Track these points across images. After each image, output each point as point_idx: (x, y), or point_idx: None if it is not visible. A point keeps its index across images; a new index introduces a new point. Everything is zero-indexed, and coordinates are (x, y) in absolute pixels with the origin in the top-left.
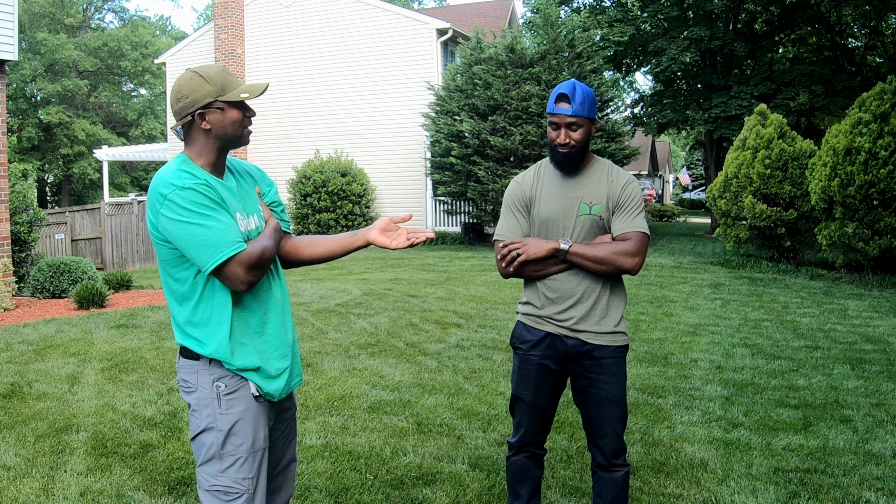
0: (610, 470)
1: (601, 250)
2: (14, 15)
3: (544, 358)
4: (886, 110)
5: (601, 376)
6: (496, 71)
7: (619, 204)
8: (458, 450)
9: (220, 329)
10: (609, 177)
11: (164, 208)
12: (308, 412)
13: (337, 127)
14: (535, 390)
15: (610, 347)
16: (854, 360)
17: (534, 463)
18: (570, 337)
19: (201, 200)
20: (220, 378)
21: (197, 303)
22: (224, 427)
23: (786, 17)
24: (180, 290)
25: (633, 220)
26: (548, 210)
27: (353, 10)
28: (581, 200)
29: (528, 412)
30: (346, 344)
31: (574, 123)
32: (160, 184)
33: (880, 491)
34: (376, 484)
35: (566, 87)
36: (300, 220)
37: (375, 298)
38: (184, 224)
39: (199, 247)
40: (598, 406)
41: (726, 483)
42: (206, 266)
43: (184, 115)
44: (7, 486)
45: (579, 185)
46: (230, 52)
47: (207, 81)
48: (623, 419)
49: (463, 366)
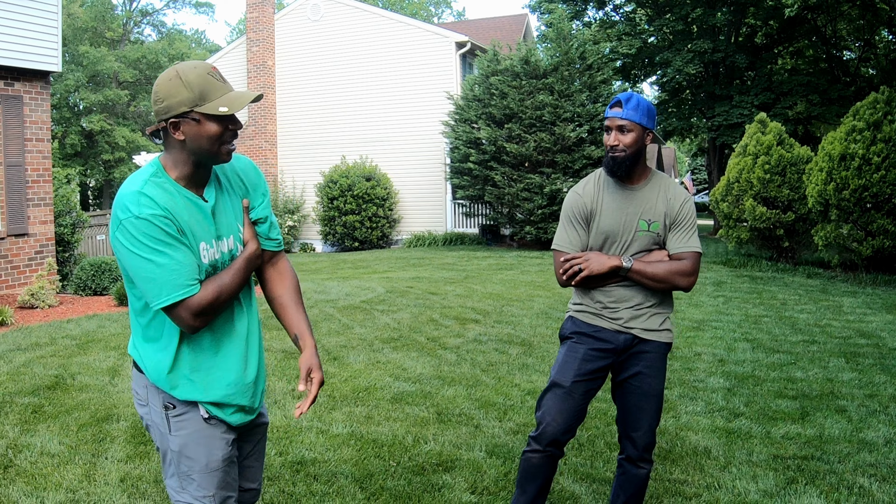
0: (638, 465)
1: (660, 269)
2: (58, 29)
3: (592, 349)
4: (879, 119)
5: (646, 370)
6: (512, 82)
7: (675, 222)
8: (476, 438)
9: (164, 356)
10: (667, 193)
11: (119, 232)
12: (335, 403)
13: (362, 134)
14: (574, 377)
15: (656, 343)
16: (848, 354)
17: (550, 463)
18: (621, 332)
19: (155, 234)
20: (169, 399)
21: (151, 320)
22: (175, 448)
23: (784, 31)
24: (136, 304)
25: (689, 240)
26: (608, 224)
27: (377, 24)
28: (640, 216)
29: (559, 401)
30: (370, 338)
31: (624, 126)
32: (120, 204)
33: (873, 477)
34: (399, 470)
35: (623, 95)
36: (327, 222)
37: (398, 296)
38: (133, 255)
39: (147, 282)
40: (639, 398)
41: (728, 469)
42: (151, 303)
43: (158, 119)
44: (51, 472)
45: (638, 200)
46: (261, 63)
47: (185, 86)
48: (659, 414)
49: (480, 359)
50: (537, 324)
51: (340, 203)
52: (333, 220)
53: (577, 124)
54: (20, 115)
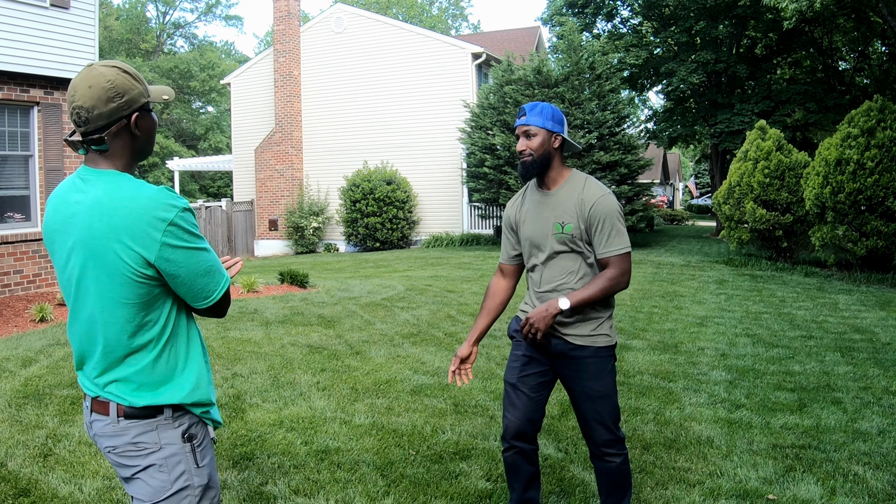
0: (603, 459)
1: (594, 288)
2: (95, 41)
3: (527, 351)
4: (873, 125)
5: (583, 373)
6: (525, 90)
7: (590, 224)
8: (491, 428)
9: (192, 365)
10: (581, 194)
11: (169, 236)
12: (357, 395)
13: (383, 140)
14: (518, 374)
15: (591, 347)
16: (844, 349)
17: (523, 459)
18: (553, 336)
19: (196, 222)
20: (189, 427)
21: (164, 346)
22: (202, 481)
23: (783, 43)
24: (145, 336)
25: (609, 242)
26: (529, 230)
27: (397, 36)
28: (555, 219)
29: (510, 398)
30: (391, 334)
31: (529, 131)
32: (153, 206)
33: (867, 465)
34: (418, 458)
35: (527, 104)
36: (350, 223)
37: (417, 293)
38: (194, 252)
39: (208, 274)
40: (582, 401)
41: (730, 458)
42: (213, 295)
43: (117, 118)
44: (89, 460)
45: (553, 204)
46: (287, 73)
47: (136, 79)
48: (610, 412)
49: (495, 353)
50: None
51: (362, 205)
52: (356, 221)
53: (587, 131)
54: (59, 122)
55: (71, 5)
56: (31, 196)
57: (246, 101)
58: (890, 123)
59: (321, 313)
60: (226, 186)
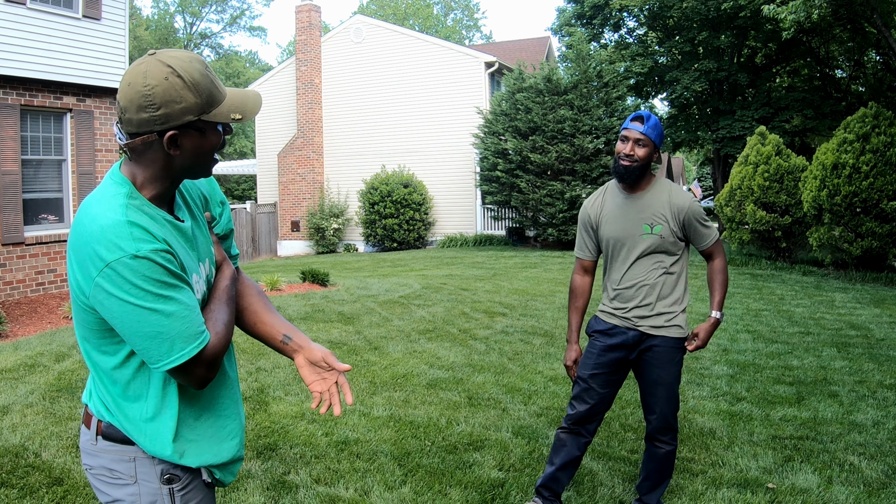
0: (654, 444)
1: (720, 284)
2: (125, 50)
3: (606, 346)
4: (867, 131)
5: (654, 361)
6: (535, 98)
7: (685, 227)
8: (503, 420)
9: (163, 420)
10: (671, 198)
11: (104, 279)
12: (375, 388)
13: (400, 145)
14: (591, 370)
15: (662, 337)
16: (840, 344)
17: (574, 440)
18: (630, 329)
19: (159, 275)
20: (171, 468)
21: (132, 379)
22: None
23: (782, 52)
24: (107, 361)
25: (706, 233)
26: (611, 230)
27: (413, 46)
28: (643, 221)
29: (580, 391)
30: (407, 330)
31: (641, 140)
32: (99, 239)
33: (862, 455)
34: (433, 449)
35: (644, 111)
36: (369, 224)
37: (433, 291)
38: (131, 307)
39: (151, 339)
40: (649, 386)
41: (731, 448)
42: (157, 364)
43: (147, 129)
44: None
45: (640, 206)
46: (309, 81)
47: (192, 90)
48: (672, 402)
49: (507, 349)
50: (559, 317)
51: (381, 208)
52: (374, 223)
53: (595, 136)
54: (91, 128)
55: (103, 16)
56: (64, 199)
57: (269, 107)
58: (884, 129)
59: (341, 310)
60: (250, 189)
